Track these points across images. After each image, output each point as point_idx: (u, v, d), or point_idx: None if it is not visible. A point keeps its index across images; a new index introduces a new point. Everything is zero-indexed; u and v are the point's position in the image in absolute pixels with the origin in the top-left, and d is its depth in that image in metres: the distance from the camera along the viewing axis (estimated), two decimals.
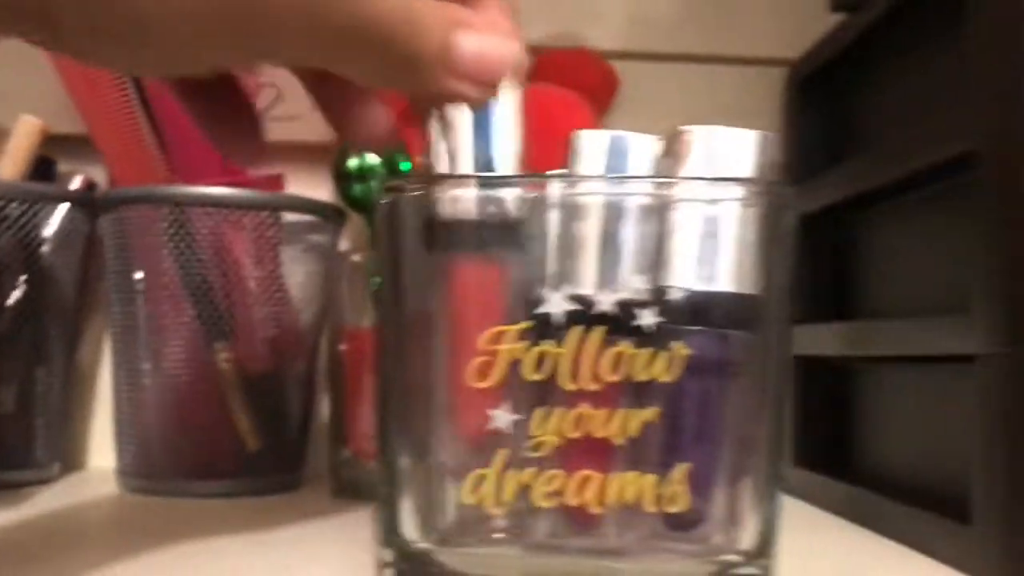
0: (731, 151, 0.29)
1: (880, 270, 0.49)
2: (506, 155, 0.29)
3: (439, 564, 0.28)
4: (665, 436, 0.28)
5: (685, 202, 0.28)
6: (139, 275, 0.49)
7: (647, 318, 0.27)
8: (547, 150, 0.31)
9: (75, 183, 0.55)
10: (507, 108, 0.28)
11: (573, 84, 0.51)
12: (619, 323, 0.27)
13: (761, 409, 0.28)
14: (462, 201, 0.28)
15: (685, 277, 0.28)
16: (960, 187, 0.38)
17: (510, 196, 0.28)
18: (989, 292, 0.34)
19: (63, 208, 0.52)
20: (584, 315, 0.27)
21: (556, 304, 0.27)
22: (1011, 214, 0.33)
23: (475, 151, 0.29)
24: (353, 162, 0.52)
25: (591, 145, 0.29)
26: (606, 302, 0.27)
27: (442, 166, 0.29)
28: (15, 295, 0.51)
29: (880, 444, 0.48)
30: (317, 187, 0.57)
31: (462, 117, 0.28)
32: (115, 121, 0.48)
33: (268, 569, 0.33)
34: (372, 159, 0.51)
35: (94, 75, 0.47)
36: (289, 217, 0.51)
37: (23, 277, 0.51)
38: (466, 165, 0.29)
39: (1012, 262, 0.33)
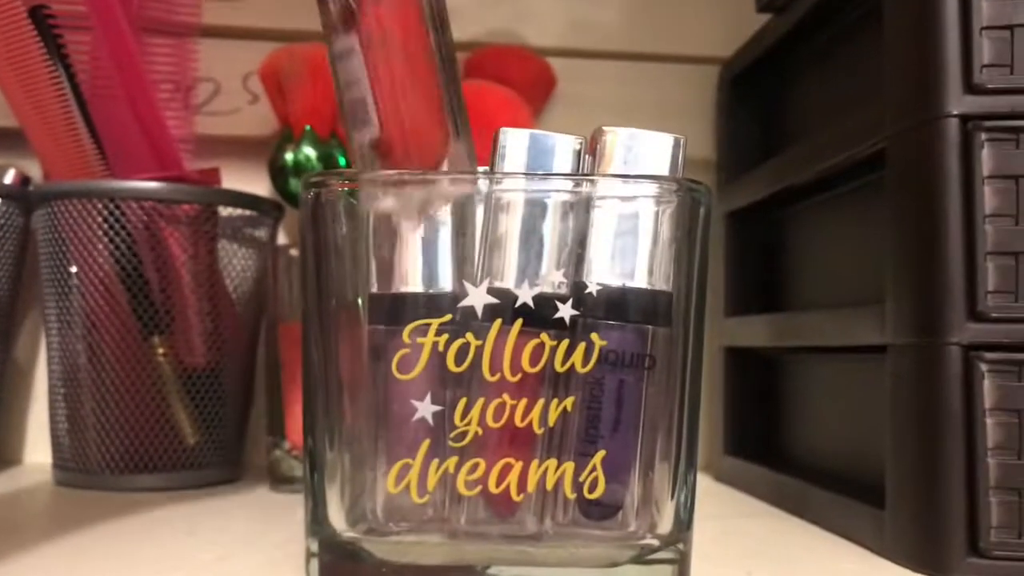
0: (648, 152, 0.30)
1: (806, 264, 0.51)
2: None
3: (366, 553, 0.29)
4: (583, 425, 0.29)
5: (603, 199, 0.29)
6: (74, 269, 0.49)
7: (566, 311, 0.28)
8: (481, 146, 0.32)
9: (8, 177, 0.54)
10: None
11: (508, 81, 0.52)
12: (538, 316, 0.28)
13: (676, 400, 0.29)
14: (386, 196, 0.29)
15: (603, 273, 0.29)
16: (876, 183, 0.39)
17: (435, 191, 0.29)
18: (899, 285, 0.35)
19: None
20: (505, 308, 0.28)
21: (477, 297, 0.28)
22: (918, 210, 0.34)
23: None
24: (289, 156, 0.52)
25: (513, 142, 0.30)
26: (526, 296, 0.28)
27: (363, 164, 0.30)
28: None
29: (807, 433, 0.50)
30: (255, 181, 0.57)
31: None
32: (48, 116, 0.48)
33: (200, 560, 0.34)
34: (309, 153, 0.52)
35: (27, 70, 0.47)
36: (226, 212, 0.52)
37: None
38: None
39: (919, 257, 0.34)
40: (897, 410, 0.35)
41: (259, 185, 0.56)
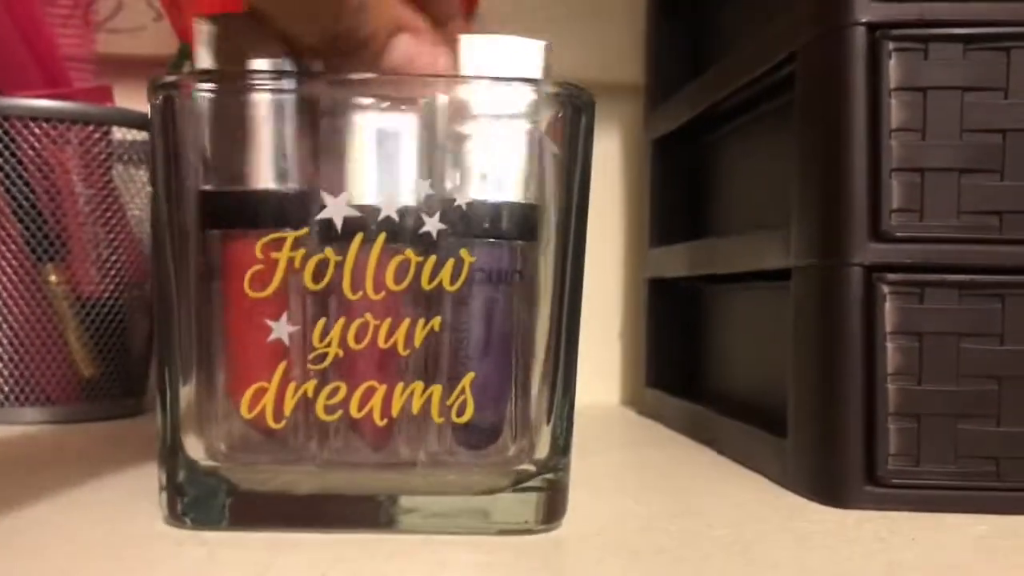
0: (517, 58, 0.28)
1: (729, 192, 0.49)
2: None
3: (226, 481, 0.27)
4: (451, 346, 0.27)
5: (473, 107, 0.27)
6: None
7: (432, 225, 0.26)
8: None
9: None
10: None
11: None
12: (403, 230, 0.26)
13: (553, 321, 0.28)
14: (245, 100, 0.27)
15: (472, 186, 0.27)
16: (788, 106, 0.37)
17: (298, 97, 0.27)
18: (804, 206, 0.34)
19: None
20: (366, 222, 0.26)
21: (337, 210, 0.26)
22: (824, 125, 0.33)
23: None
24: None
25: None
26: (389, 209, 0.26)
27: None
28: None
29: (723, 364, 0.49)
30: None
31: None
32: None
33: (63, 491, 0.32)
34: None
35: None
36: (126, 136, 0.49)
37: None
38: None
39: (823, 174, 0.33)
40: (798, 336, 0.34)
41: None
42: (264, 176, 0.26)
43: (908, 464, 0.31)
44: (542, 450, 0.28)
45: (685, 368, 0.53)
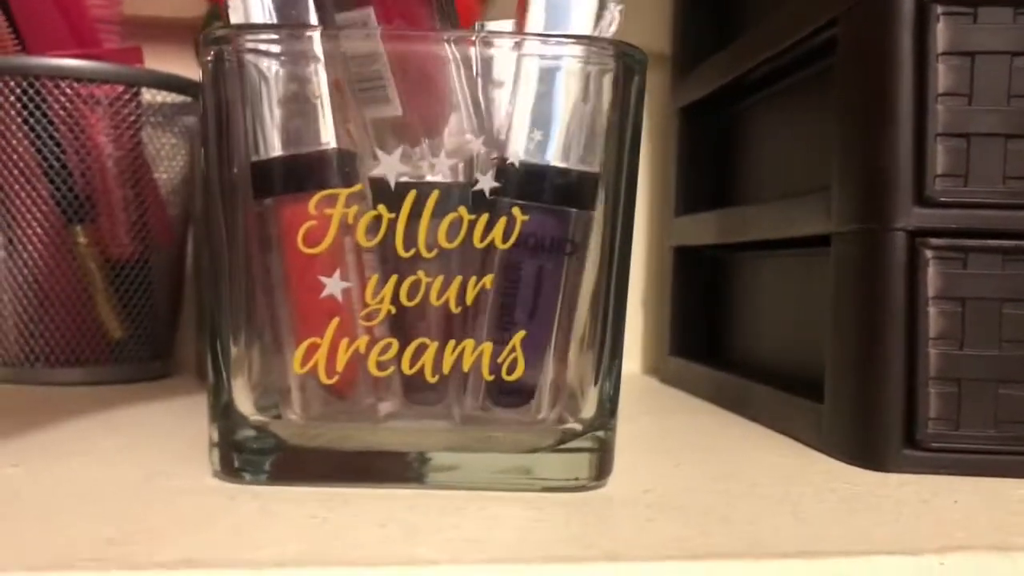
0: (580, 14, 0.27)
1: (759, 160, 0.49)
2: None
3: (276, 437, 0.28)
4: (496, 311, 0.27)
5: (526, 63, 0.27)
6: None
7: (486, 183, 0.26)
8: None
9: None
10: None
11: None
12: (456, 190, 0.26)
13: (603, 287, 0.28)
14: (293, 55, 0.27)
15: (526, 145, 0.27)
16: (828, 72, 0.37)
17: (349, 51, 0.27)
18: (846, 170, 0.34)
19: None
20: (420, 180, 0.26)
21: (390, 167, 0.26)
22: (868, 89, 0.33)
23: None
24: None
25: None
26: (443, 166, 0.26)
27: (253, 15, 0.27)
28: None
29: (751, 332, 0.49)
30: (187, 67, 0.54)
31: None
32: None
33: (104, 447, 0.32)
34: None
35: None
36: (155, 97, 0.49)
37: None
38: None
39: (867, 139, 0.33)
40: (839, 301, 0.34)
41: (192, 71, 0.54)
42: (320, 136, 0.26)
43: (948, 428, 0.32)
44: (588, 410, 0.28)
45: (710, 336, 0.54)
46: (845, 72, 0.34)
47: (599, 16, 0.27)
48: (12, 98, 0.45)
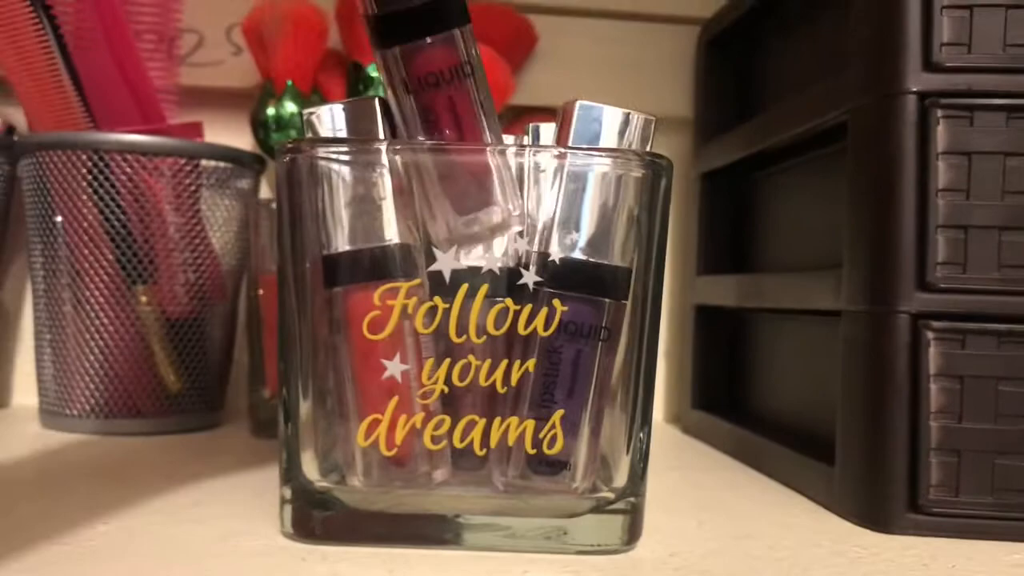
0: (611, 127, 0.31)
1: (775, 227, 0.52)
2: None
3: (337, 501, 0.31)
4: (538, 390, 0.30)
5: (568, 172, 0.30)
6: (59, 219, 0.50)
7: (529, 278, 0.30)
8: None
9: None
10: None
11: (489, 38, 0.53)
12: (503, 283, 0.30)
13: (632, 366, 0.31)
14: (362, 163, 0.30)
15: (565, 244, 0.30)
16: (841, 152, 0.40)
17: (403, 162, 0.30)
18: (854, 254, 0.37)
19: None
20: (471, 274, 0.30)
21: (446, 263, 0.30)
22: (875, 182, 0.36)
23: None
24: (271, 111, 0.53)
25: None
26: (492, 263, 0.30)
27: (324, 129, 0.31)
28: None
29: (768, 389, 0.52)
30: (238, 132, 0.57)
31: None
32: (33, 68, 0.48)
33: (177, 504, 0.35)
34: (291, 108, 0.52)
35: (12, 21, 0.48)
36: (210, 164, 0.52)
37: None
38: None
39: (874, 227, 0.36)
40: (848, 373, 0.37)
41: (242, 136, 0.57)
42: (384, 233, 0.30)
43: (948, 495, 0.34)
44: (620, 478, 0.31)
45: (729, 391, 0.57)
46: (854, 163, 0.37)
47: (625, 124, 0.31)
48: (84, 170, 0.49)
